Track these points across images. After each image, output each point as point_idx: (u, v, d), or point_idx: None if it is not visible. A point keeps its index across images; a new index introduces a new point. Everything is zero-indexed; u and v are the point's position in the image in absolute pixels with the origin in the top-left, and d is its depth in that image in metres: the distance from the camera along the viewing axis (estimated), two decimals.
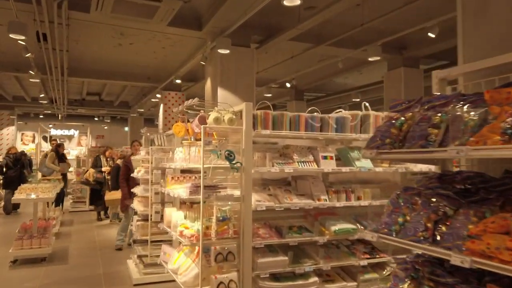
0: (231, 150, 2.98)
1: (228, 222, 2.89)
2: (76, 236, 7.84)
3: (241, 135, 3.06)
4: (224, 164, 2.98)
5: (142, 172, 5.27)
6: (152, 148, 5.13)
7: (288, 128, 3.27)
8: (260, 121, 3.16)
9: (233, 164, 2.97)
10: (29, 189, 6.05)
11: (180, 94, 11.81)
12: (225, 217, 2.88)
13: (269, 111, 3.20)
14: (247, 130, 3.05)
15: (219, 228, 2.86)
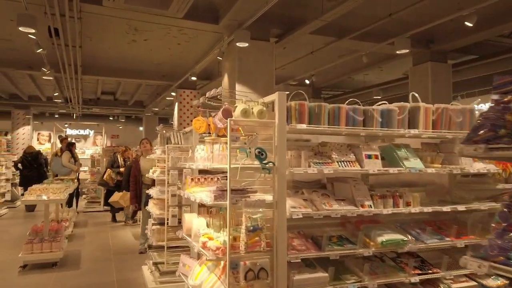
0: (262, 148, 2.50)
1: (260, 232, 2.41)
2: (90, 238, 7.46)
3: (273, 130, 2.57)
4: (254, 164, 2.50)
5: (158, 172, 4.83)
6: (168, 146, 4.68)
7: (326, 122, 2.77)
8: (294, 114, 2.67)
9: (265, 164, 2.49)
10: (40, 189, 5.68)
11: (196, 92, 11.39)
12: (256, 227, 2.40)
13: (304, 102, 2.71)
14: (280, 124, 2.57)
15: (249, 239, 2.37)
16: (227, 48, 7.51)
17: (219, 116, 2.90)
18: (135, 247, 6.63)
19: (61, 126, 17.35)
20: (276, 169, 2.54)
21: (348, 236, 2.91)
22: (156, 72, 10.98)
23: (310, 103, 2.73)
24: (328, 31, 7.46)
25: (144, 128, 18.37)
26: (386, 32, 7.52)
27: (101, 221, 9.28)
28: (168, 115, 18.44)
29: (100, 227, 8.57)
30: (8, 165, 11.02)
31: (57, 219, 7.20)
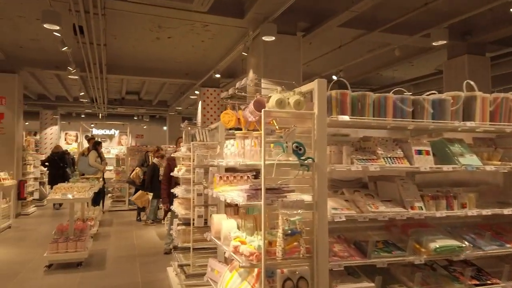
0: (300, 142, 2.22)
1: (299, 237, 2.13)
2: (115, 237, 7.37)
3: (312, 122, 2.29)
4: (290, 161, 2.23)
5: (183, 170, 4.63)
6: (193, 143, 4.47)
7: (371, 114, 2.46)
8: (335, 104, 2.38)
9: (303, 160, 2.22)
10: (65, 188, 5.60)
11: (219, 90, 11.21)
12: (295, 231, 2.12)
13: (347, 91, 2.41)
14: (320, 116, 2.28)
15: (287, 245, 2.10)
16: (252, 43, 7.27)
17: (250, 108, 2.64)
18: (159, 248, 6.48)
19: (87, 126, 17.57)
20: (315, 166, 2.26)
21: (394, 241, 2.59)
22: (179, 71, 10.87)
23: (353, 93, 2.44)
24: (358, 23, 7.09)
25: (168, 127, 18.39)
26: (420, 23, 7.09)
27: (126, 220, 9.22)
28: (192, 114, 18.38)
29: (125, 226, 8.49)
30: (36, 164, 11.16)
31: (83, 218, 7.15)
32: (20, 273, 5.09)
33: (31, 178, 10.43)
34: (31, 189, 10.36)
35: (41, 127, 15.41)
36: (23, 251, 6.21)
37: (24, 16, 7.27)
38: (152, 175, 8.42)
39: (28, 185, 9.87)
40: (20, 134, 9.72)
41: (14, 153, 9.26)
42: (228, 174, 2.98)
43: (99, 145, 9.78)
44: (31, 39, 8.49)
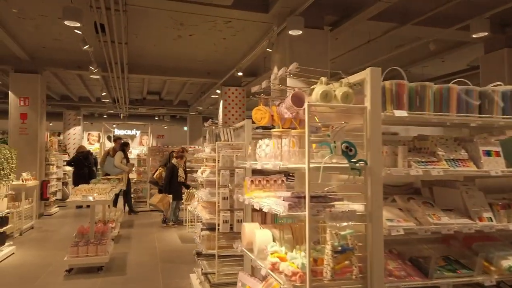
0: (351, 142, 1.88)
1: (351, 254, 1.79)
2: (136, 240, 7.17)
3: (364, 118, 1.94)
4: (339, 163, 1.89)
5: (208, 172, 4.34)
6: (218, 143, 4.17)
7: (432, 109, 2.09)
8: (390, 97, 2.03)
9: (354, 162, 1.87)
10: (85, 189, 5.41)
11: (241, 89, 10.92)
12: (346, 247, 1.78)
13: (404, 82, 2.05)
14: (374, 111, 1.93)
15: (337, 264, 1.76)
16: (276, 39, 6.93)
17: (287, 103, 2.31)
18: (181, 252, 6.24)
19: (109, 126, 17.64)
20: (368, 169, 1.91)
21: (456, 257, 2.21)
22: (201, 70, 10.64)
23: (410, 83, 2.07)
24: (389, 16, 6.66)
25: (188, 127, 18.26)
26: (457, 14, 6.59)
27: (148, 221, 9.04)
28: (212, 114, 18.18)
29: (147, 228, 8.30)
30: (59, 165, 11.16)
31: (104, 220, 6.98)
32: (40, 277, 4.92)
33: (54, 179, 10.40)
34: (54, 189, 10.34)
35: (64, 128, 15.50)
36: (44, 253, 6.06)
37: (47, 15, 7.16)
38: (171, 176, 8.21)
39: (51, 186, 9.83)
40: (43, 135, 9.68)
41: (37, 153, 9.22)
42: (260, 178, 2.65)
43: (127, 146, 9.71)
44: (53, 39, 8.40)
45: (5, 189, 5.86)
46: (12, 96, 9.17)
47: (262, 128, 4.49)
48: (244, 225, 2.59)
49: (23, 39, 8.30)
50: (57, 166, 10.99)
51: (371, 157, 1.91)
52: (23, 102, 9.18)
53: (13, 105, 9.15)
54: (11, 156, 5.84)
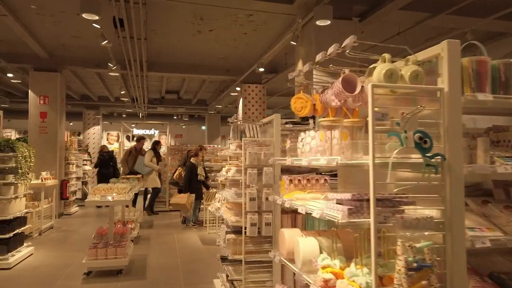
0: (424, 132, 1.51)
1: (430, 272, 1.41)
2: (155, 241, 6.91)
3: (441, 103, 1.56)
4: (409, 158, 1.52)
5: (233, 171, 4.00)
6: (245, 140, 3.84)
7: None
8: (468, 77, 1.64)
9: (429, 157, 1.49)
10: (104, 189, 5.16)
11: (261, 86, 10.57)
12: (423, 264, 1.41)
13: (486, 59, 1.66)
14: (452, 93, 1.55)
15: (411, 284, 1.39)
16: (301, 31, 6.56)
17: (336, 88, 1.95)
18: (203, 254, 5.95)
19: (128, 126, 17.56)
20: (447, 166, 1.53)
21: None
22: (220, 67, 10.34)
23: (493, 61, 1.68)
24: (422, 5, 6.20)
25: (207, 127, 18.03)
26: (495, 2, 6.08)
27: (167, 222, 8.80)
28: (231, 113, 17.87)
29: (166, 229, 8.05)
30: (78, 164, 11.05)
31: (123, 220, 6.75)
32: (58, 280, 4.69)
33: (74, 178, 10.29)
34: (73, 189, 10.22)
35: (84, 127, 15.48)
36: (63, 254, 5.86)
37: (65, 11, 6.97)
38: (190, 176, 7.93)
39: (70, 185, 9.70)
40: (62, 134, 9.56)
41: (56, 152, 9.10)
42: (299, 177, 2.29)
43: (158, 145, 9.54)
44: (72, 36, 8.24)
45: (23, 188, 5.67)
46: (32, 94, 9.07)
47: (292, 123, 4.13)
48: (283, 231, 2.23)
49: (42, 36, 8.17)
50: (77, 166, 10.88)
51: (449, 151, 1.53)
52: (42, 100, 9.07)
53: (32, 104, 9.05)
54: (29, 154, 5.64)
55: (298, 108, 2.19)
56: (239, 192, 3.86)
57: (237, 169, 3.98)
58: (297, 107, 2.20)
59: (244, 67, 10.00)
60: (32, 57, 9.00)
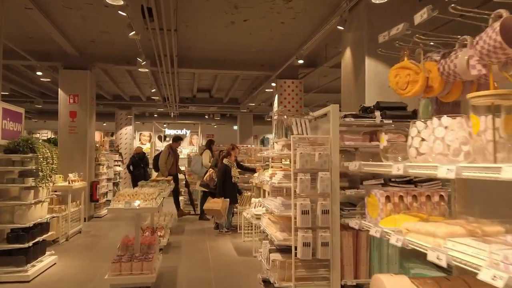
0: None
1: None
2: (186, 250, 6.26)
3: None
4: None
5: (280, 176, 3.22)
6: (294, 137, 3.05)
7: None
8: None
9: None
10: (129, 195, 4.54)
11: (298, 82, 9.74)
12: None
13: None
14: None
15: None
16: (349, 15, 5.68)
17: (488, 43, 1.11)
18: (239, 266, 5.23)
19: (160, 126, 17.22)
20: None
21: None
22: (254, 61, 9.60)
23: None
24: None
25: (239, 126, 17.38)
26: None
27: (199, 227, 8.15)
28: (264, 112, 17.15)
29: (198, 235, 7.39)
30: (110, 165, 10.67)
31: (152, 227, 6.14)
32: None
33: (104, 179, 9.88)
34: (104, 190, 9.81)
35: (116, 128, 15.25)
36: (87, 265, 5.31)
37: (92, 3, 6.46)
38: (224, 178, 7.23)
39: (100, 187, 9.28)
40: (92, 133, 9.15)
41: (86, 153, 8.68)
42: (401, 192, 1.47)
43: (213, 144, 9.01)
44: (101, 31, 7.77)
45: (45, 192, 5.15)
46: (62, 93, 8.71)
47: (354, 116, 3.30)
48: (382, 280, 1.41)
49: (70, 32, 7.75)
50: (108, 166, 10.49)
51: None
52: (72, 99, 8.68)
53: (62, 103, 8.69)
54: (52, 155, 5.12)
55: (402, 84, 1.38)
56: (287, 203, 3.08)
57: (284, 174, 3.19)
58: (401, 83, 1.39)
59: (279, 61, 9.21)
60: (61, 55, 8.64)
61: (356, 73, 5.53)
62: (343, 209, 3.06)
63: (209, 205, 6.62)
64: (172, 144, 9.00)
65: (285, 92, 9.67)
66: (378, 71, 5.22)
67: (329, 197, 2.96)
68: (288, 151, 3.07)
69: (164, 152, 8.83)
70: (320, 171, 2.92)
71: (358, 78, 5.47)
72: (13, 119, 5.11)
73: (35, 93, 13.00)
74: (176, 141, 9.05)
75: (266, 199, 3.71)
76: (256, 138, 18.34)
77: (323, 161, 2.93)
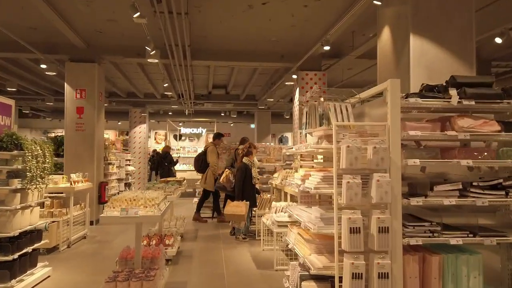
0: None
1: None
2: (199, 260, 5.45)
3: None
4: None
5: (317, 179, 2.35)
6: (337, 124, 2.17)
7: None
8: None
9: None
10: (126, 200, 3.74)
11: (321, 74, 8.81)
12: None
13: None
14: None
15: None
16: None
17: None
18: (258, 283, 4.39)
19: (176, 125, 16.56)
20: None
21: None
22: (273, 52, 8.72)
23: None
24: None
25: (256, 124, 16.53)
26: None
27: (213, 232, 7.34)
28: (282, 109, 16.28)
29: (212, 241, 6.57)
30: (121, 164, 10.00)
31: (161, 234, 5.37)
32: None
33: (114, 180, 9.20)
34: (114, 192, 9.13)
35: (130, 126, 14.65)
36: (84, 279, 4.55)
37: None
38: (244, 179, 6.42)
39: (110, 187, 8.60)
40: (100, 131, 8.48)
41: (94, 151, 8.01)
42: None
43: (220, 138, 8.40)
44: (108, 19, 7.05)
45: (36, 195, 4.43)
46: (68, 88, 8.06)
47: (420, 96, 2.39)
48: None
49: (75, 21, 7.06)
50: (119, 166, 9.83)
51: None
52: (79, 94, 8.02)
53: (69, 98, 8.04)
54: (44, 153, 4.40)
55: None
56: (328, 216, 2.21)
57: (324, 176, 2.31)
58: None
59: (301, 51, 8.31)
60: (68, 47, 7.98)
61: (397, 56, 4.60)
62: (405, 225, 2.17)
63: (230, 210, 5.81)
64: (215, 141, 8.30)
65: (307, 85, 8.76)
66: (425, 51, 4.29)
67: (388, 209, 2.07)
68: (328, 145, 2.21)
69: (213, 150, 8.09)
70: (375, 172, 2.04)
71: (400, 61, 4.53)
72: (0, 112, 4.41)
73: (47, 90, 12.49)
74: (219, 138, 8.36)
75: (294, 208, 2.84)
76: (274, 136, 17.46)
77: (379, 158, 2.06)
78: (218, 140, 8.39)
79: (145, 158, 14.28)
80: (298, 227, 2.74)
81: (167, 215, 6.57)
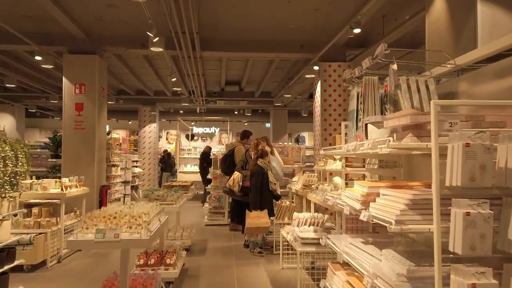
0: None
1: None
2: (206, 282, 4.49)
3: None
4: None
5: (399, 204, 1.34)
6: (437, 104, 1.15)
7: None
8: None
9: None
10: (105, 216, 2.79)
11: (346, 65, 7.76)
12: None
13: None
14: None
15: None
16: None
17: None
18: None
19: (188, 124, 15.70)
20: None
21: None
22: (292, 41, 7.72)
23: None
24: None
25: (271, 123, 15.51)
26: None
27: (224, 244, 6.37)
28: (299, 107, 15.22)
29: (223, 256, 5.61)
30: (127, 166, 9.15)
31: (161, 250, 4.43)
32: None
33: (118, 183, 8.35)
34: (118, 196, 8.28)
35: (139, 125, 13.86)
36: None
37: None
38: (260, 184, 5.46)
39: (112, 192, 7.74)
40: (102, 130, 7.63)
41: (94, 152, 7.16)
42: None
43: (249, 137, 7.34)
44: (108, 4, 6.20)
45: (6, 206, 3.54)
46: (66, 82, 7.24)
47: None
48: None
49: (74, 8, 6.22)
50: (126, 168, 8.98)
51: None
52: (78, 89, 7.19)
53: (67, 93, 7.22)
54: (15, 154, 3.51)
55: None
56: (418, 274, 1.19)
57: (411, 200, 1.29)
58: None
59: (323, 40, 7.28)
60: (66, 37, 7.17)
61: (456, 32, 3.54)
62: None
63: (253, 222, 4.88)
64: (243, 140, 7.27)
65: (329, 77, 7.73)
66: (497, 21, 3.23)
67: None
68: (417, 142, 1.21)
69: (241, 150, 6.96)
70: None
71: (460, 39, 3.48)
72: None
73: (52, 88, 11.78)
74: (247, 137, 7.32)
75: (342, 239, 1.80)
76: (290, 136, 16.42)
77: None
78: (247, 139, 7.27)
79: (155, 159, 13.47)
80: (346, 269, 1.74)
81: (171, 224, 5.64)
